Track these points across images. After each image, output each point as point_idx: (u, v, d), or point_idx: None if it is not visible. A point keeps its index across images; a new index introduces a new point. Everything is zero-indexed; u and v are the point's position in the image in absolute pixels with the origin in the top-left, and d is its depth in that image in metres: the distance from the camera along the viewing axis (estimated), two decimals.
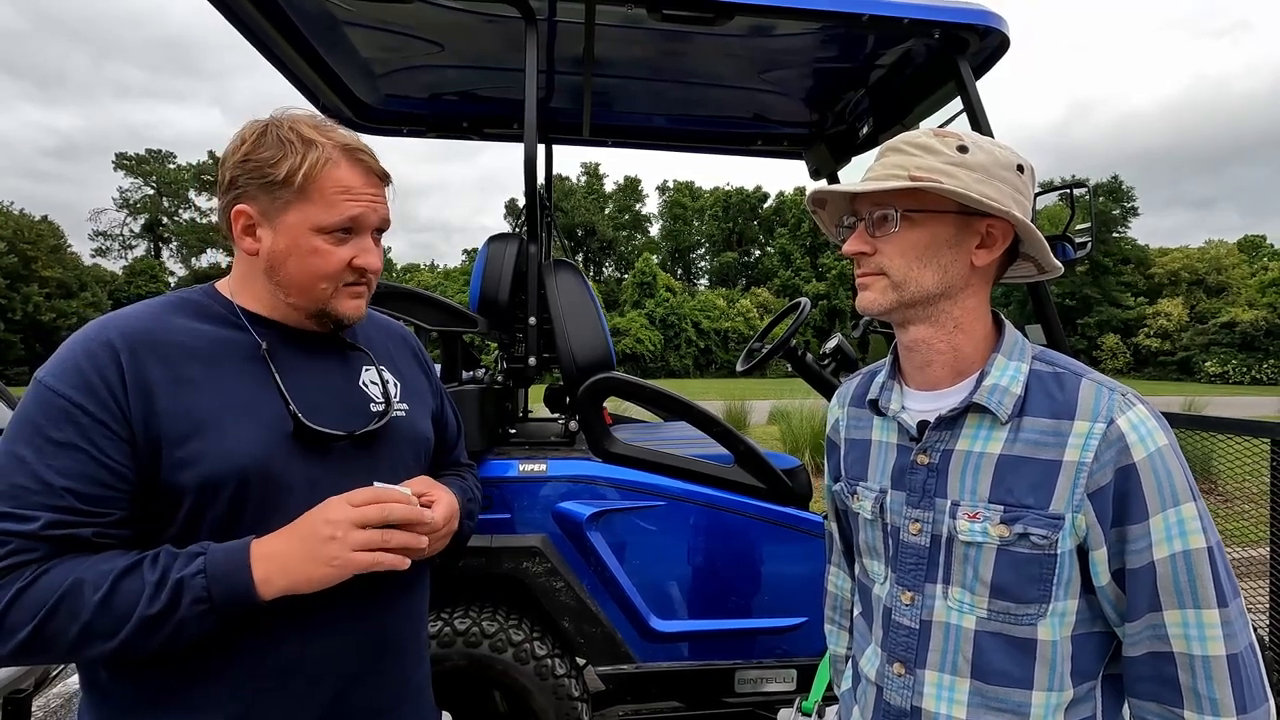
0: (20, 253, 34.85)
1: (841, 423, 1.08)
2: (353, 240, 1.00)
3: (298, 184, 0.95)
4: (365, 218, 0.99)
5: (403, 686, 1.07)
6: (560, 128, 3.03)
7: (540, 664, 1.87)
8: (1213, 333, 41.86)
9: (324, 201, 0.96)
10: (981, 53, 2.08)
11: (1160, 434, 0.79)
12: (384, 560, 0.88)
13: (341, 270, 0.99)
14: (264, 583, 0.85)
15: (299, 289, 0.99)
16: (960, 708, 0.85)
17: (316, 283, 0.99)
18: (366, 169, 1.01)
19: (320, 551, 0.86)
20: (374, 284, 1.06)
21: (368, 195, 1.00)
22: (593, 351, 2.17)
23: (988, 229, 0.86)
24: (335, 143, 0.98)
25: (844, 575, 1.20)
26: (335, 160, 0.97)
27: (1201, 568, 0.76)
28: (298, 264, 0.97)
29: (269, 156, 0.95)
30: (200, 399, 0.91)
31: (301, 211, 0.96)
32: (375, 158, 1.04)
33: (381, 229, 1.05)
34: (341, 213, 0.97)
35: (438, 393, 1.27)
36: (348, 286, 1.01)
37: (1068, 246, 2.01)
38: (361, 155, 1.01)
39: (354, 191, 0.98)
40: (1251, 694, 0.76)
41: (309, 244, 0.97)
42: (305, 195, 0.96)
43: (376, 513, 0.89)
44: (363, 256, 1.00)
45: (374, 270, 1.03)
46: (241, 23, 2.03)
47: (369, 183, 1.01)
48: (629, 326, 43.75)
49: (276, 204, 0.96)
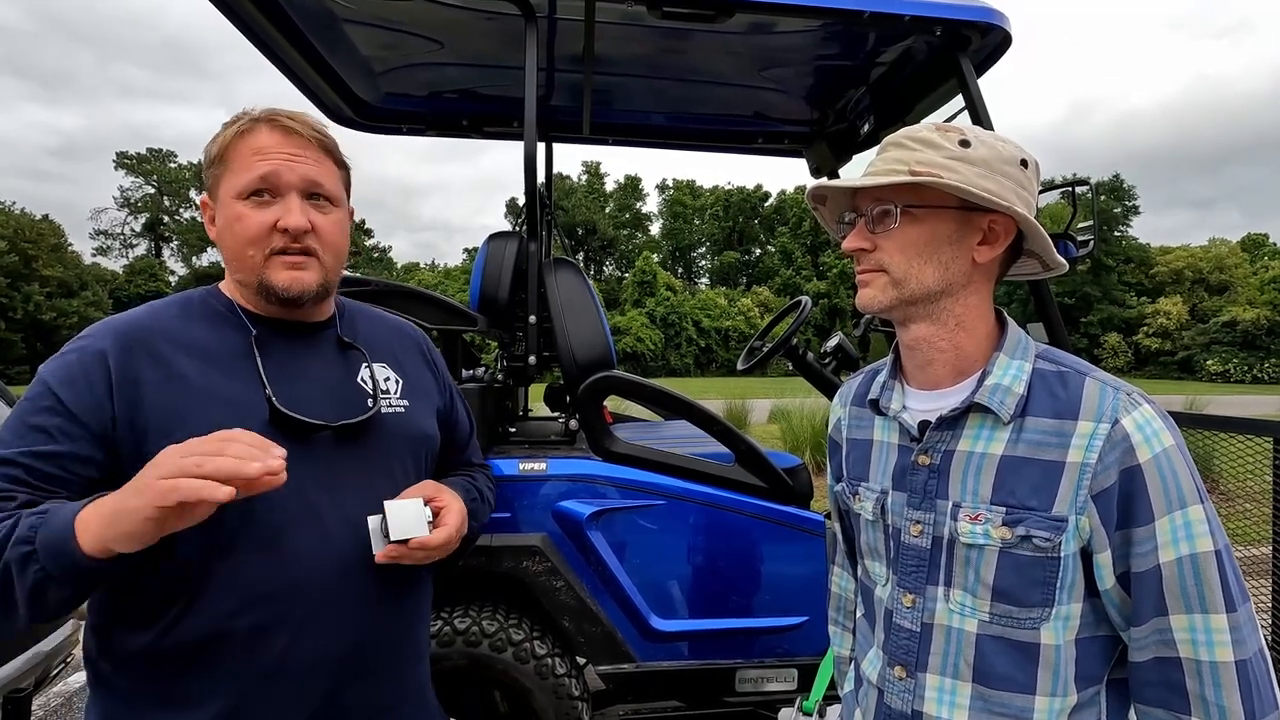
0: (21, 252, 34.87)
1: (843, 422, 1.06)
2: (277, 203, 0.97)
3: (218, 155, 0.98)
4: (278, 174, 0.96)
5: (400, 686, 1.07)
6: (560, 126, 3.02)
7: (540, 663, 1.87)
8: (1214, 331, 41.81)
9: (240, 166, 0.97)
10: (983, 50, 2.07)
11: (1166, 434, 0.77)
12: (182, 488, 0.74)
13: (264, 234, 0.96)
14: (82, 526, 0.78)
15: (236, 262, 1.00)
16: (962, 712, 0.84)
17: (244, 250, 0.98)
18: (284, 129, 0.98)
19: (134, 484, 0.79)
20: (322, 256, 1.00)
21: (282, 154, 0.97)
22: (593, 350, 2.16)
23: (990, 225, 0.84)
24: (254, 114, 0.99)
25: (847, 576, 1.18)
26: (253, 128, 0.98)
27: (1209, 572, 0.74)
28: (229, 235, 0.98)
29: (209, 144, 1.00)
30: (189, 394, 0.92)
31: (227, 183, 0.98)
32: (304, 121, 1.00)
33: (311, 191, 0.99)
34: (251, 172, 0.96)
35: (446, 392, 1.26)
36: (279, 255, 0.98)
37: (1070, 245, 2.00)
38: (280, 119, 0.99)
39: (265, 150, 0.97)
40: (1261, 701, 0.74)
41: (233, 211, 0.97)
42: (226, 165, 0.98)
43: (199, 445, 0.78)
44: (286, 217, 0.96)
45: (297, 228, 0.96)
46: (241, 21, 2.03)
47: (287, 142, 0.98)
48: (629, 325, 43.73)
49: (212, 183, 0.99)
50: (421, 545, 0.99)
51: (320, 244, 1.00)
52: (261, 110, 1.00)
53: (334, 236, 1.02)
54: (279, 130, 0.98)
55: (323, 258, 1.01)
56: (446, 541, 1.02)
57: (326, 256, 1.01)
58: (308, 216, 0.98)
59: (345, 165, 1.08)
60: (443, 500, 1.06)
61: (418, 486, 1.07)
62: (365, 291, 1.89)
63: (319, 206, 1.00)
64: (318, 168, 1.00)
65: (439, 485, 1.10)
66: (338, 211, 1.04)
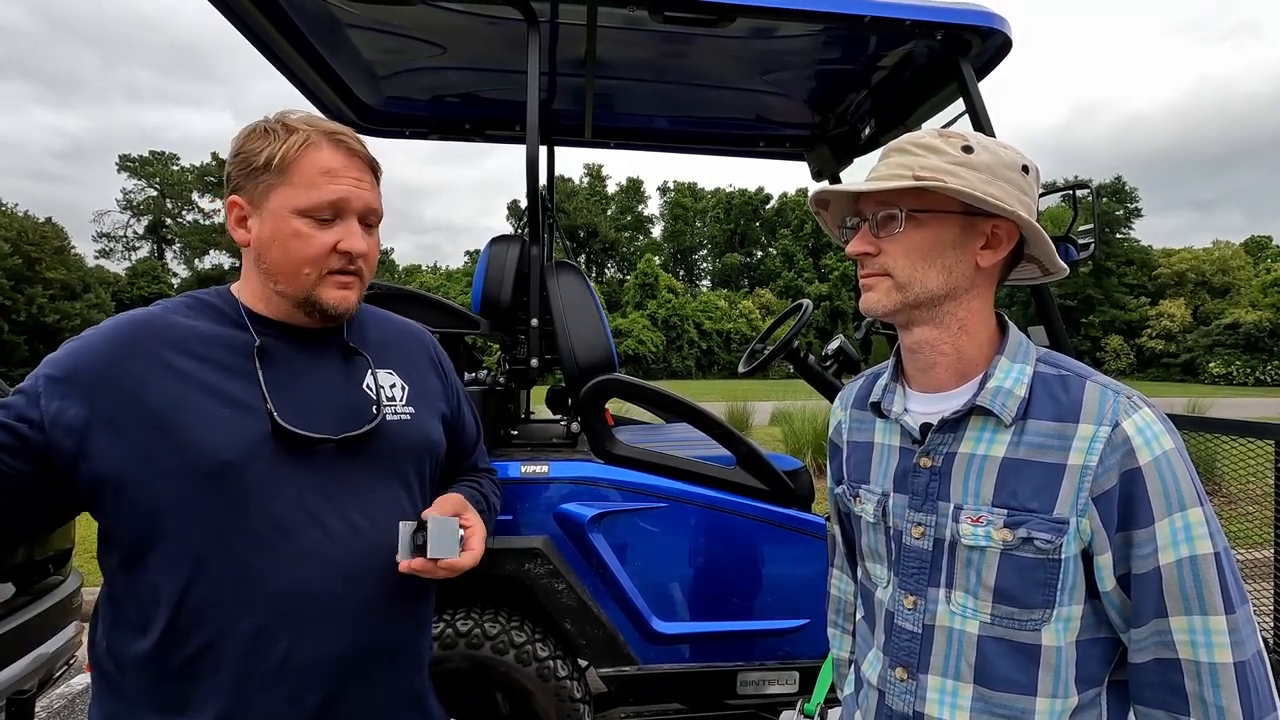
0: (24, 254, 34.92)
1: (844, 425, 1.07)
2: (337, 225, 0.98)
3: (276, 166, 0.96)
4: (348, 200, 0.98)
5: (401, 693, 1.07)
6: (562, 129, 3.03)
7: (542, 665, 1.87)
8: (1217, 334, 41.73)
9: (304, 183, 0.96)
10: (984, 54, 2.08)
11: (1166, 437, 0.78)
12: None
13: (324, 254, 0.98)
14: None
15: (284, 275, 0.98)
16: (963, 713, 0.84)
17: (300, 268, 0.97)
18: (349, 151, 0.99)
19: None
20: (365, 276, 1.04)
21: (350, 178, 0.98)
22: (594, 353, 2.17)
23: (993, 230, 0.85)
24: (317, 128, 0.98)
25: (846, 578, 1.19)
26: (315, 143, 0.97)
27: (1208, 574, 0.75)
28: (281, 249, 0.97)
29: (255, 147, 0.97)
30: (190, 389, 0.92)
31: (282, 195, 0.96)
32: (360, 143, 1.02)
33: (369, 218, 1.02)
34: (322, 195, 0.96)
35: (454, 396, 1.26)
36: (333, 275, 0.99)
37: (1070, 248, 2.00)
38: (344, 138, 1.00)
39: (335, 173, 0.97)
40: (1260, 703, 0.74)
41: (290, 227, 0.96)
42: (285, 177, 0.96)
43: None
44: (347, 240, 0.98)
45: (358, 253, 0.99)
46: (244, 24, 2.04)
47: (352, 166, 0.99)
48: (631, 328, 43.75)
49: (260, 189, 0.97)
50: (449, 567, 1.00)
51: (366, 265, 1.03)
52: (318, 127, 0.99)
53: (375, 256, 1.06)
54: (343, 151, 0.99)
55: (365, 277, 1.04)
56: (472, 565, 1.04)
57: (368, 276, 1.05)
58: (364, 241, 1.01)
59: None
60: (469, 520, 1.06)
61: (449, 503, 1.09)
62: (367, 295, 1.90)
63: (367, 230, 1.03)
64: (374, 194, 1.03)
65: (465, 503, 1.11)
66: (376, 233, 1.07)
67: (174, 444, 0.89)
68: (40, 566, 2.34)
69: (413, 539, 0.98)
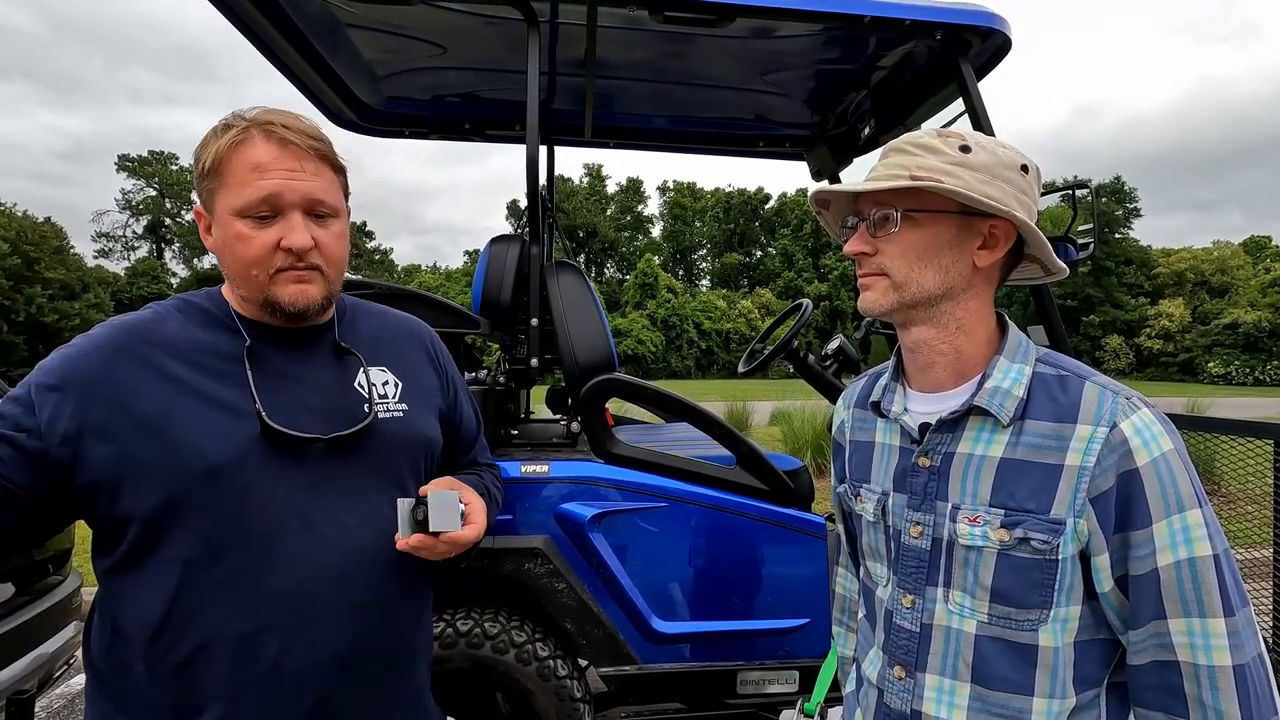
0: (24, 254, 34.88)
1: (846, 424, 1.07)
2: (280, 221, 0.93)
3: (212, 168, 0.93)
4: (280, 194, 0.92)
5: (398, 692, 1.07)
6: (562, 129, 3.03)
7: (542, 665, 1.87)
8: (1216, 333, 41.75)
9: (237, 182, 0.92)
10: (983, 54, 2.08)
11: (1165, 438, 0.77)
12: None
13: (267, 254, 0.93)
14: None
15: (239, 279, 0.97)
16: (960, 712, 0.84)
17: (248, 270, 0.94)
18: (281, 141, 0.93)
19: None
20: (326, 268, 0.98)
21: (282, 170, 0.93)
22: (594, 353, 2.17)
23: (990, 230, 0.85)
24: (254, 121, 0.94)
25: (851, 576, 1.19)
26: (246, 138, 0.92)
27: (1207, 576, 0.74)
28: (230, 253, 0.95)
29: (202, 153, 0.94)
30: (181, 394, 0.92)
31: (223, 198, 0.93)
32: (300, 130, 0.95)
33: (315, 209, 0.96)
34: (253, 191, 0.91)
35: (451, 391, 1.24)
36: (284, 271, 0.95)
37: (1070, 247, 2.00)
38: (276, 128, 0.93)
39: (264, 168, 0.92)
40: (1260, 706, 0.74)
41: (233, 230, 0.93)
42: (222, 179, 0.93)
43: None
44: (289, 236, 0.93)
45: (301, 248, 0.94)
46: (244, 24, 2.03)
47: (285, 156, 0.93)
48: (631, 328, 43.75)
49: (207, 195, 0.95)
50: (452, 540, 0.98)
51: (323, 258, 0.98)
52: (253, 113, 0.95)
53: (335, 249, 1.00)
54: (275, 142, 0.93)
55: (326, 271, 0.99)
56: (475, 539, 1.02)
57: (329, 270, 0.99)
58: (310, 233, 0.95)
59: (342, 168, 1.03)
60: (468, 497, 1.05)
61: (444, 480, 1.07)
62: (366, 295, 1.90)
63: (320, 221, 0.98)
64: (317, 181, 0.96)
65: (461, 482, 1.09)
66: (338, 222, 1.00)
67: (165, 449, 0.89)
68: (40, 566, 2.34)
69: (412, 514, 0.97)
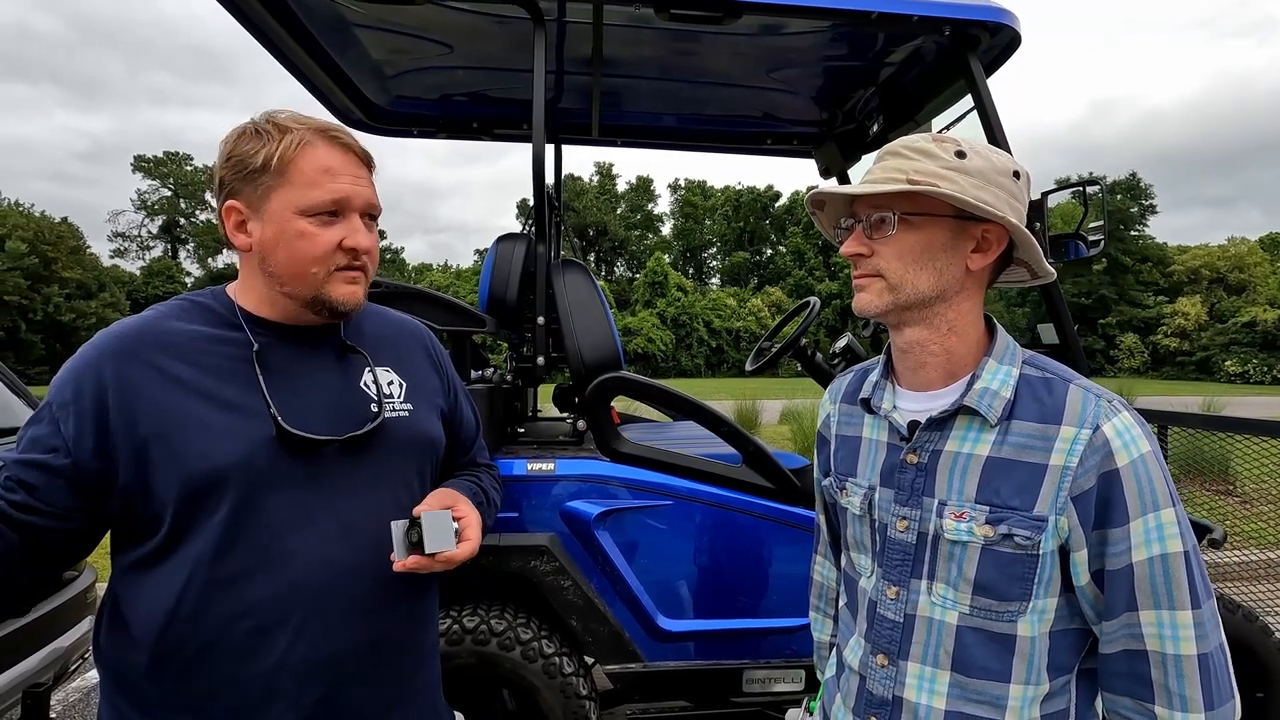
0: (41, 254, 35.39)
1: (833, 419, 1.09)
2: (341, 222, 0.98)
3: (274, 167, 0.95)
4: (350, 198, 0.98)
5: (403, 687, 1.07)
6: (570, 128, 3.04)
7: (548, 662, 1.88)
8: (1233, 332, 41.23)
9: (305, 183, 0.96)
10: (992, 50, 2.06)
11: (1144, 441, 0.81)
12: None
13: (330, 252, 0.98)
14: None
15: (292, 276, 0.98)
16: (940, 699, 0.88)
17: (307, 268, 0.97)
18: (345, 148, 0.99)
19: None
20: (369, 270, 1.04)
21: (349, 175, 0.98)
22: (601, 351, 2.17)
23: (983, 234, 0.87)
24: (310, 126, 0.98)
25: (830, 565, 1.22)
26: (311, 141, 0.97)
27: (1178, 571, 0.79)
28: (286, 250, 0.97)
29: (249, 149, 0.96)
30: (186, 396, 0.92)
31: (283, 196, 0.96)
32: (354, 139, 1.02)
33: (369, 213, 1.02)
34: (325, 193, 0.96)
35: (451, 392, 1.25)
36: (340, 271, 0.99)
37: (1080, 244, 1.98)
38: (338, 135, 0.99)
39: (335, 171, 0.97)
40: (1219, 691, 0.79)
41: (295, 228, 0.96)
42: (285, 178, 0.96)
43: None
44: (352, 237, 0.98)
45: (364, 249, 1.00)
46: (253, 24, 2.05)
47: (349, 162, 0.99)
48: (640, 326, 43.76)
49: (259, 192, 0.96)
50: (447, 559, 0.99)
51: (370, 260, 1.03)
52: (283, 117, 0.99)
53: (377, 252, 1.06)
54: (339, 148, 0.99)
55: (370, 272, 1.04)
56: (470, 555, 1.03)
57: (371, 270, 1.05)
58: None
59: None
60: (462, 511, 1.06)
61: (437, 496, 1.07)
62: (374, 293, 1.91)
63: (369, 225, 1.03)
64: (372, 189, 1.03)
65: (456, 495, 1.10)
66: (376, 226, 1.07)
67: (173, 451, 0.89)
68: None
69: (406, 536, 0.98)
